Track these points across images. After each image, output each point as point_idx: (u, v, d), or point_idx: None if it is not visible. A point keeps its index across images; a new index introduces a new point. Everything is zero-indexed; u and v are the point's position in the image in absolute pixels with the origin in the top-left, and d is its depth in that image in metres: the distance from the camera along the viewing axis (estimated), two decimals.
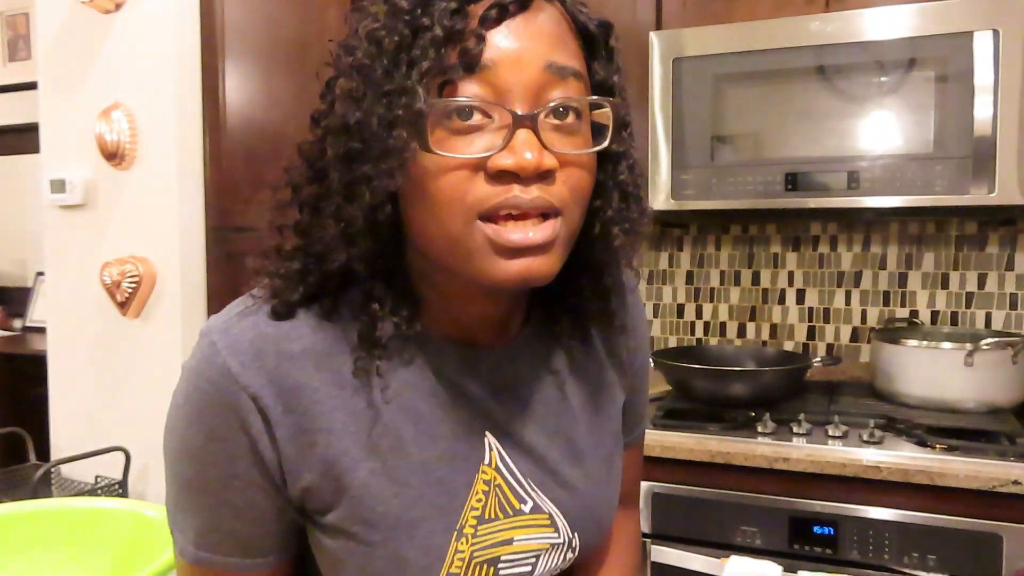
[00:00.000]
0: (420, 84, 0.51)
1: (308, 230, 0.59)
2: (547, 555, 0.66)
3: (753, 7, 1.80)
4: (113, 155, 2.04)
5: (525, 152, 0.52)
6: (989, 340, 1.64)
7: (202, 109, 2.07)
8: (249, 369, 0.56)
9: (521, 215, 0.53)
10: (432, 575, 0.60)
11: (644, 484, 1.62)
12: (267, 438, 0.56)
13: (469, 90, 0.52)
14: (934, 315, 2.00)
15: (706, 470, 1.59)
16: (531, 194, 0.53)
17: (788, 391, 1.81)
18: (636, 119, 2.00)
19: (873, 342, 1.86)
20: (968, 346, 1.64)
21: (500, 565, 0.63)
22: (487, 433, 0.64)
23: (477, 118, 0.53)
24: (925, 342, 1.74)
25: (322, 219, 0.57)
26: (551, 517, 0.66)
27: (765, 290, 2.16)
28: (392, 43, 0.52)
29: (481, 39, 0.52)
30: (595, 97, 0.57)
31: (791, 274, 2.13)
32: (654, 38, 1.80)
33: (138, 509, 1.28)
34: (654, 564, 1.58)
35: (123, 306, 2.03)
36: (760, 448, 1.55)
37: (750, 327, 2.18)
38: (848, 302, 2.08)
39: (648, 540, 1.59)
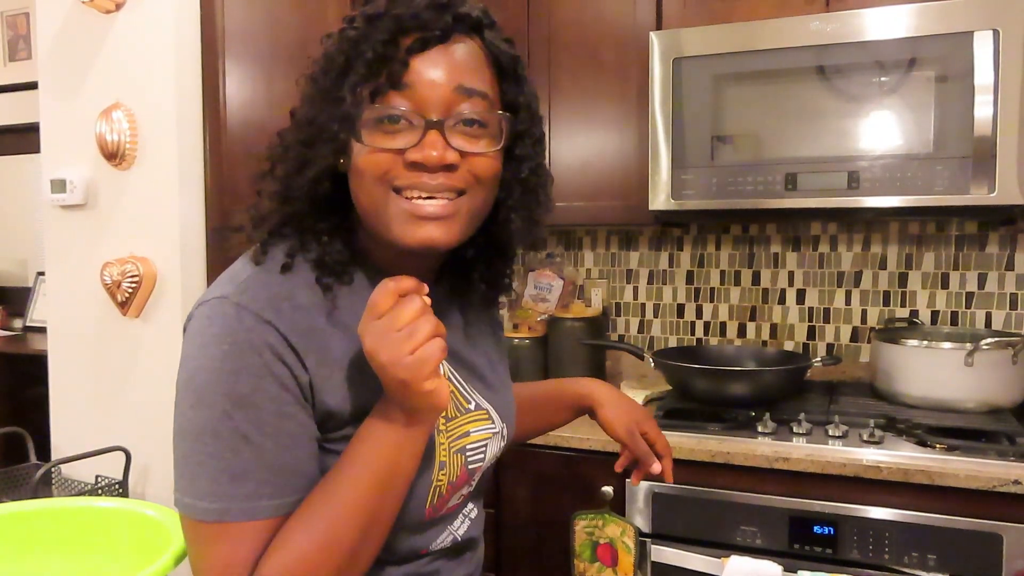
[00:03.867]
0: (353, 94, 0.70)
1: (281, 193, 0.76)
2: (491, 443, 0.85)
3: (753, 7, 1.80)
4: (113, 155, 2.03)
5: (431, 150, 0.69)
6: (989, 340, 1.64)
7: (202, 109, 2.06)
8: (274, 317, 0.69)
9: (429, 196, 0.70)
10: (432, 464, 0.76)
11: (644, 484, 1.63)
12: (301, 367, 0.69)
13: (396, 100, 0.70)
14: (934, 315, 2.00)
15: (706, 470, 1.59)
16: (436, 180, 0.70)
17: (788, 391, 1.81)
18: (636, 119, 1.99)
19: (873, 342, 1.86)
20: (968, 346, 1.64)
21: (467, 453, 0.81)
22: None
23: (402, 123, 0.70)
24: (925, 342, 1.74)
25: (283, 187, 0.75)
26: (487, 412, 0.86)
27: (765, 290, 2.16)
28: (339, 62, 0.72)
29: (405, 64, 0.70)
30: (500, 113, 0.74)
31: (791, 274, 2.13)
32: (654, 38, 1.80)
33: (138, 509, 1.28)
34: (654, 564, 1.58)
35: (123, 306, 2.03)
36: (760, 448, 1.55)
37: (750, 327, 2.18)
38: (848, 302, 2.08)
39: (648, 540, 1.59)
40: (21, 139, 3.27)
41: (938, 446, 1.50)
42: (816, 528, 1.49)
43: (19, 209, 3.46)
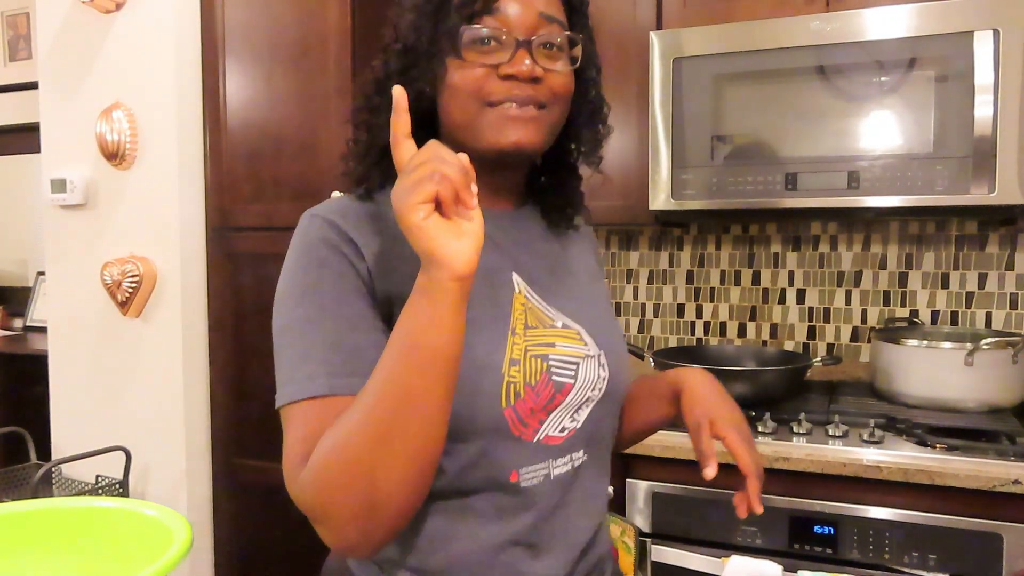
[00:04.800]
0: (457, 16, 0.79)
1: (370, 122, 0.84)
2: (585, 365, 0.85)
3: (753, 7, 1.80)
4: (113, 155, 2.04)
5: (521, 65, 0.79)
6: (989, 340, 1.64)
7: (202, 109, 2.07)
8: (340, 219, 0.79)
9: (519, 105, 0.80)
10: (496, 358, 0.78)
11: (644, 484, 1.63)
12: (359, 258, 0.77)
13: (489, 23, 0.80)
14: (934, 315, 2.00)
15: None
16: (525, 92, 0.80)
17: (788, 391, 1.81)
18: (636, 119, 1.99)
19: (873, 342, 1.86)
20: (968, 346, 1.64)
21: (551, 361, 0.82)
22: (513, 272, 0.85)
23: (493, 43, 0.80)
24: (925, 342, 1.74)
25: (382, 113, 0.81)
26: (579, 333, 0.86)
27: (765, 290, 2.16)
28: None
29: None
30: (569, 33, 0.85)
31: (791, 274, 2.13)
32: (654, 38, 1.81)
33: (138, 509, 1.28)
34: (654, 564, 1.58)
35: (123, 306, 2.03)
36: (760, 448, 1.55)
37: (750, 327, 2.18)
38: (848, 302, 2.08)
39: (648, 540, 1.59)
40: (21, 139, 3.27)
41: (938, 446, 1.50)
42: (816, 528, 1.49)
43: (19, 209, 3.47)
